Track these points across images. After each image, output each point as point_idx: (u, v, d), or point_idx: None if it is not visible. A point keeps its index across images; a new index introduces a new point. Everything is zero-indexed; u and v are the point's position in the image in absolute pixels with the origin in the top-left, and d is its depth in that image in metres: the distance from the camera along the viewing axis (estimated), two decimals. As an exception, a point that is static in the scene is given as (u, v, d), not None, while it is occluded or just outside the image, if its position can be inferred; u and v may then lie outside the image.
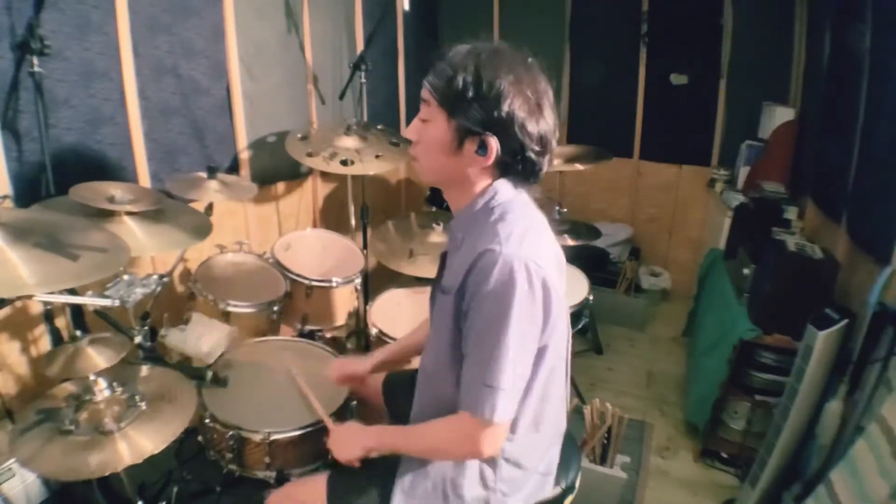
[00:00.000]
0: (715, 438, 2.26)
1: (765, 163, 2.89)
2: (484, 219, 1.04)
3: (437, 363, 1.10)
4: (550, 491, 1.21)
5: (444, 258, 1.19)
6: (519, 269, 0.95)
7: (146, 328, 1.52)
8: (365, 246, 2.52)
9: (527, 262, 0.96)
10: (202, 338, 1.66)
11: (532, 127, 1.00)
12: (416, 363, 1.75)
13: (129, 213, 1.46)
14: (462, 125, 1.00)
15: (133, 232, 1.43)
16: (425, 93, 1.04)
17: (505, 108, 0.97)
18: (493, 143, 0.99)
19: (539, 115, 1.01)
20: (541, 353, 1.04)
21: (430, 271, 2.01)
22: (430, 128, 1.04)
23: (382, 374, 1.53)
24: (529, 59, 1.03)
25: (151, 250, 1.48)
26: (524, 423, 1.09)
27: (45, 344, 1.72)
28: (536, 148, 1.02)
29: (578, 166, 2.64)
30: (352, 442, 1.19)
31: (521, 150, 1.01)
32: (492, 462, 1.11)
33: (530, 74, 1.01)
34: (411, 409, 1.20)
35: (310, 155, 2.22)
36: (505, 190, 1.05)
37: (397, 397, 1.45)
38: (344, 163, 2.20)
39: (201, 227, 1.60)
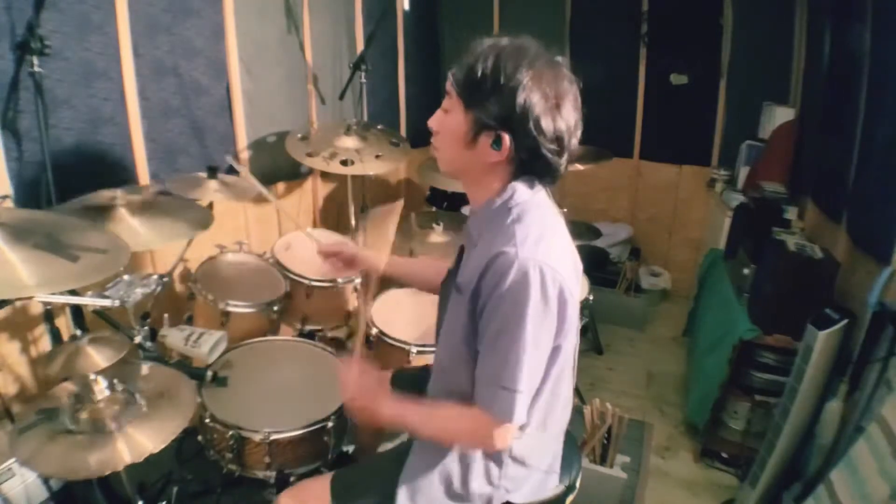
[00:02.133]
0: (715, 438, 2.26)
1: (765, 163, 2.89)
2: (501, 219, 1.03)
3: (452, 358, 1.11)
4: (553, 489, 1.21)
5: (461, 251, 1.19)
6: (534, 273, 0.95)
7: (146, 328, 1.52)
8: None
9: (542, 266, 0.95)
10: (202, 337, 1.65)
11: (547, 125, 0.97)
12: (420, 361, 1.76)
13: (128, 207, 1.46)
14: (478, 118, 0.99)
15: (133, 226, 1.42)
16: (448, 84, 1.04)
17: (520, 102, 0.95)
18: (507, 138, 0.99)
19: (556, 114, 0.98)
20: (553, 354, 1.04)
21: (430, 271, 2.01)
22: (449, 118, 1.04)
23: (389, 373, 1.52)
24: (557, 58, 1.01)
25: (152, 244, 1.47)
26: (533, 423, 1.09)
27: (45, 344, 1.72)
28: (552, 147, 1.00)
29: (578, 166, 2.63)
30: (373, 397, 1.13)
31: (536, 147, 0.99)
32: (498, 459, 1.12)
33: (553, 72, 0.99)
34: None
35: (310, 155, 2.22)
36: (522, 190, 1.05)
37: (405, 394, 1.45)
38: (344, 163, 2.20)
39: (202, 219, 1.59)
